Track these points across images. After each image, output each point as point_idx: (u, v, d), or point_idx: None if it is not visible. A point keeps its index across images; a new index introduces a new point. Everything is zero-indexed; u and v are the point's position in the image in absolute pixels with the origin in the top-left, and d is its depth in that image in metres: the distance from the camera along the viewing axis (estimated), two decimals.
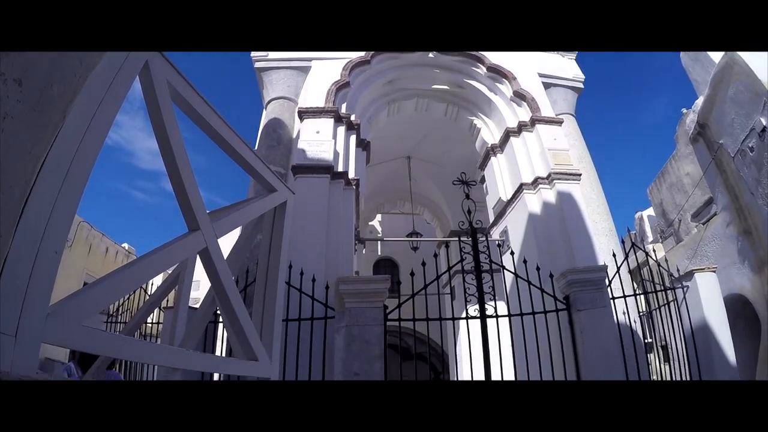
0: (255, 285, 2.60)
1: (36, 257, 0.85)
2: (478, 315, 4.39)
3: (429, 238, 11.07)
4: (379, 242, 15.31)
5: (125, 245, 18.58)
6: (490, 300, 4.54)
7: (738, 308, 7.78)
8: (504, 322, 4.63)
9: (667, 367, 5.51)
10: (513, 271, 4.75)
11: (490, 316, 4.44)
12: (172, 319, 1.99)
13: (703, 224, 9.38)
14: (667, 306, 5.53)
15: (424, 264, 4.66)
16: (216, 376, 4.42)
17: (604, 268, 4.94)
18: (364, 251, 14.53)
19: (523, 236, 6.68)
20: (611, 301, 4.90)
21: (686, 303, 5.49)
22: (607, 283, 4.88)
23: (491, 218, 7.85)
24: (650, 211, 14.36)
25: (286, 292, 4.92)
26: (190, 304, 2.44)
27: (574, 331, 4.63)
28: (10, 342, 0.79)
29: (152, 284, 6.25)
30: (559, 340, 4.55)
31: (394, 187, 11.23)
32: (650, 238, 14.55)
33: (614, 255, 5.44)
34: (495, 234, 7.46)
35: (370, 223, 14.58)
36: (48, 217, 0.88)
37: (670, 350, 5.38)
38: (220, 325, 5.42)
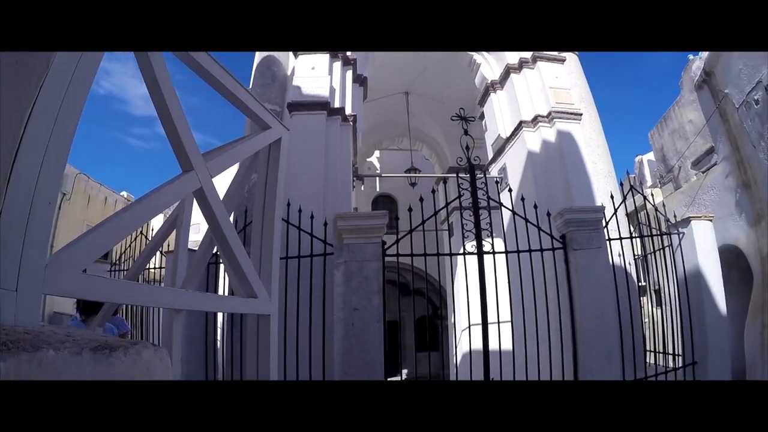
0: (252, 224, 2.62)
1: (30, 209, 0.84)
2: (475, 251, 4.45)
3: (427, 174, 11.04)
4: (377, 178, 15.31)
5: (124, 193, 18.60)
6: (488, 237, 4.59)
7: (731, 260, 7.91)
8: (501, 259, 4.70)
9: (659, 311, 5.65)
10: (510, 208, 4.77)
11: (487, 253, 4.49)
12: (173, 261, 2.01)
13: (703, 173, 9.34)
14: (662, 251, 5.60)
15: (422, 200, 4.67)
16: (219, 318, 4.52)
17: (602, 209, 4.96)
18: (363, 187, 14.53)
19: (521, 174, 6.67)
20: (607, 242, 4.96)
21: (681, 249, 5.55)
22: (603, 224, 4.91)
23: (490, 155, 7.80)
24: (650, 155, 14.27)
25: (284, 230, 4.98)
26: (190, 247, 2.46)
27: (569, 270, 4.71)
28: (11, 297, 0.79)
29: (152, 230, 6.23)
30: (554, 279, 4.63)
31: (393, 123, 11.08)
32: (649, 183, 14.55)
33: (612, 197, 5.45)
34: (493, 171, 7.44)
35: (368, 159, 14.53)
36: (39, 169, 0.86)
37: (662, 295, 5.50)
38: (221, 266, 5.52)
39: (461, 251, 4.54)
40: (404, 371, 17.69)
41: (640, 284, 7.14)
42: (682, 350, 5.31)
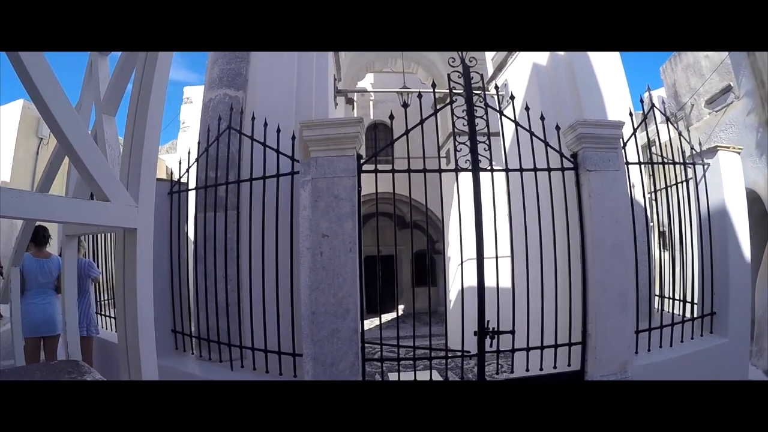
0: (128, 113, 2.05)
1: None
2: (469, 167, 3.70)
3: (419, 89, 10.08)
4: (371, 105, 14.28)
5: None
6: (485, 151, 3.83)
7: (747, 204, 7.32)
8: (500, 180, 3.96)
9: (667, 254, 4.98)
10: (513, 119, 3.98)
11: (484, 170, 3.75)
12: None
13: (717, 112, 8.61)
14: (681, 185, 4.89)
15: (405, 105, 3.85)
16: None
17: (621, 124, 4.17)
18: (354, 113, 13.64)
19: (525, 90, 5.86)
20: (625, 165, 4.23)
21: (706, 182, 4.87)
22: (621, 143, 4.16)
23: (491, 73, 6.95)
24: (661, 91, 13.39)
25: (249, 148, 4.25)
26: None
27: (581, 195, 3.97)
28: None
29: None
30: (563, 205, 3.91)
31: None
32: (659, 119, 13.70)
33: (631, 114, 4.69)
34: (493, 88, 6.60)
35: (359, 83, 13.47)
36: None
37: (677, 235, 4.80)
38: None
39: (453, 167, 3.77)
40: (401, 306, 17.48)
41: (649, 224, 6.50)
42: (700, 298, 4.70)
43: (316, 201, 3.26)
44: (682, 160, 4.85)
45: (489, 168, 3.77)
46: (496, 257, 3.70)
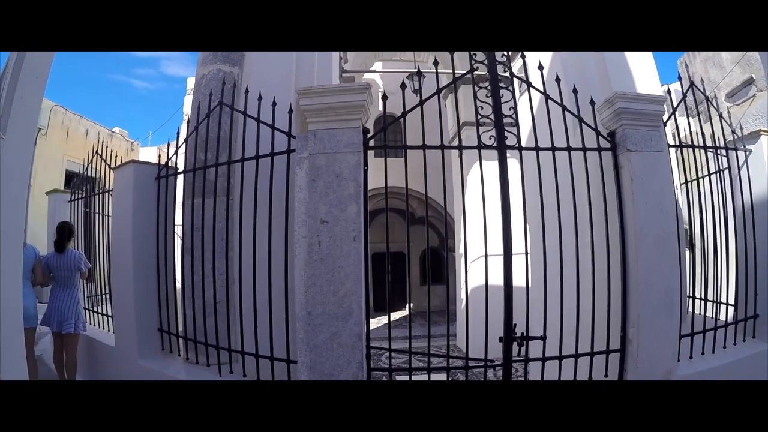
0: None
1: None
2: (495, 144, 3.18)
3: (433, 71, 9.54)
4: (379, 99, 13.64)
5: (116, 129, 17.38)
6: (513, 126, 3.30)
7: None
8: (529, 160, 3.43)
9: (688, 253, 4.45)
10: (541, 90, 3.44)
11: (512, 147, 3.23)
12: None
13: (738, 105, 8.09)
14: (710, 176, 4.36)
15: (418, 89, 3.33)
16: None
17: (663, 99, 3.63)
18: None
19: (548, 66, 5.30)
20: (667, 147, 3.70)
21: (748, 170, 4.36)
22: (662, 122, 3.63)
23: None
24: (677, 86, 12.83)
25: (243, 127, 3.76)
26: None
27: (620, 178, 3.45)
28: None
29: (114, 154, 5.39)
30: (599, 190, 3.39)
31: None
32: (683, 109, 13.16)
33: (669, 91, 4.15)
34: (514, 67, 6.04)
35: (365, 77, 12.91)
36: None
37: (710, 231, 4.24)
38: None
39: (475, 145, 3.22)
40: (411, 305, 16.91)
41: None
42: (742, 300, 4.16)
43: (314, 181, 2.74)
44: (717, 147, 4.33)
45: (516, 145, 3.25)
46: (526, 252, 3.18)
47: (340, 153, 2.79)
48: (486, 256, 3.14)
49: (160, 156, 4.47)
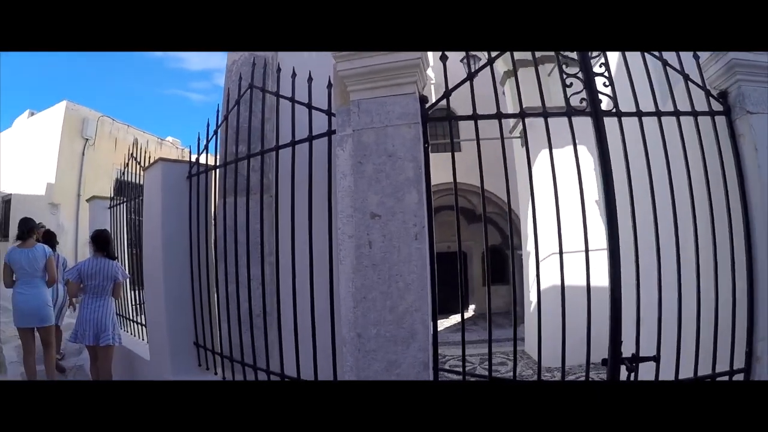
0: None
1: None
2: (586, 108, 2.48)
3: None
4: (432, 88, 12.79)
5: (169, 138, 17.51)
6: (604, 87, 2.58)
7: None
8: (630, 127, 2.69)
9: None
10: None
11: (609, 113, 2.51)
12: None
13: None
14: None
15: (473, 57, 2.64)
16: None
17: None
18: None
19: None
20: None
21: None
22: None
23: None
24: None
25: (276, 113, 3.22)
26: None
27: (739, 148, 2.67)
28: None
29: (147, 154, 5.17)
30: (717, 159, 2.63)
31: None
32: None
33: None
34: None
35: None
36: None
37: None
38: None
39: (563, 110, 2.50)
40: (471, 306, 16.26)
41: None
42: None
43: (361, 164, 2.12)
44: None
45: (614, 110, 2.52)
46: (636, 247, 2.45)
47: (392, 126, 2.15)
48: (561, 253, 2.44)
49: (190, 153, 3.95)
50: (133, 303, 5.82)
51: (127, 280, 5.64)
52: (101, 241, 4.83)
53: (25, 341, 4.92)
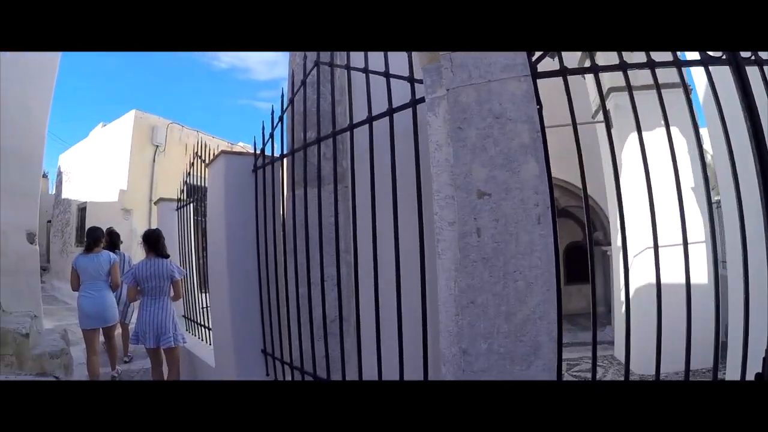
0: None
1: None
2: (722, 55, 1.88)
3: None
4: None
5: (240, 143, 17.79)
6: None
7: None
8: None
9: None
10: None
11: (751, 61, 1.90)
12: None
13: None
14: None
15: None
16: None
17: None
18: None
19: None
20: None
21: None
22: None
23: None
24: None
25: (344, 89, 2.81)
26: None
27: None
28: None
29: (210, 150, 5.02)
30: None
31: None
32: None
33: None
34: None
35: None
36: None
37: None
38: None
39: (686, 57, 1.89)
40: None
41: None
42: None
43: (461, 129, 1.64)
44: None
45: (752, 57, 1.91)
46: None
47: (496, 81, 1.66)
48: (656, 247, 1.86)
49: (255, 143, 3.63)
50: (202, 306, 5.64)
51: (194, 282, 5.57)
52: (152, 241, 4.82)
53: (90, 342, 5.15)
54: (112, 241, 6.22)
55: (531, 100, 1.68)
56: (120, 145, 13.46)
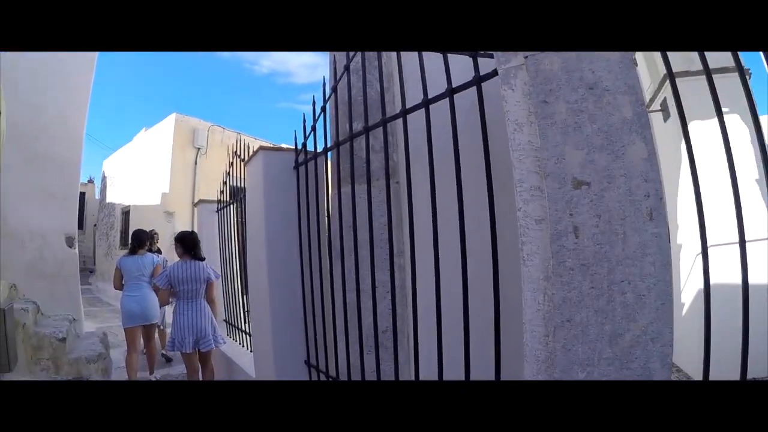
0: None
1: None
2: None
3: None
4: None
5: (283, 145, 17.84)
6: None
7: None
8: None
9: None
10: None
11: None
12: None
13: None
14: None
15: None
16: None
17: None
18: None
19: None
20: None
21: None
22: None
23: None
24: None
25: (391, 76, 2.48)
26: None
27: None
28: None
29: (249, 147, 4.87)
30: None
31: None
32: None
33: None
34: None
35: None
36: None
37: None
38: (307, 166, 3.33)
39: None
40: None
41: None
42: None
43: (546, 103, 1.32)
44: None
45: None
46: None
47: None
48: (704, 245, 1.47)
49: (296, 139, 3.38)
50: (243, 311, 5.48)
51: (237, 285, 5.47)
52: (188, 243, 4.73)
53: (131, 340, 5.37)
54: (151, 240, 6.39)
55: (629, 67, 1.35)
56: (161, 148, 13.62)
